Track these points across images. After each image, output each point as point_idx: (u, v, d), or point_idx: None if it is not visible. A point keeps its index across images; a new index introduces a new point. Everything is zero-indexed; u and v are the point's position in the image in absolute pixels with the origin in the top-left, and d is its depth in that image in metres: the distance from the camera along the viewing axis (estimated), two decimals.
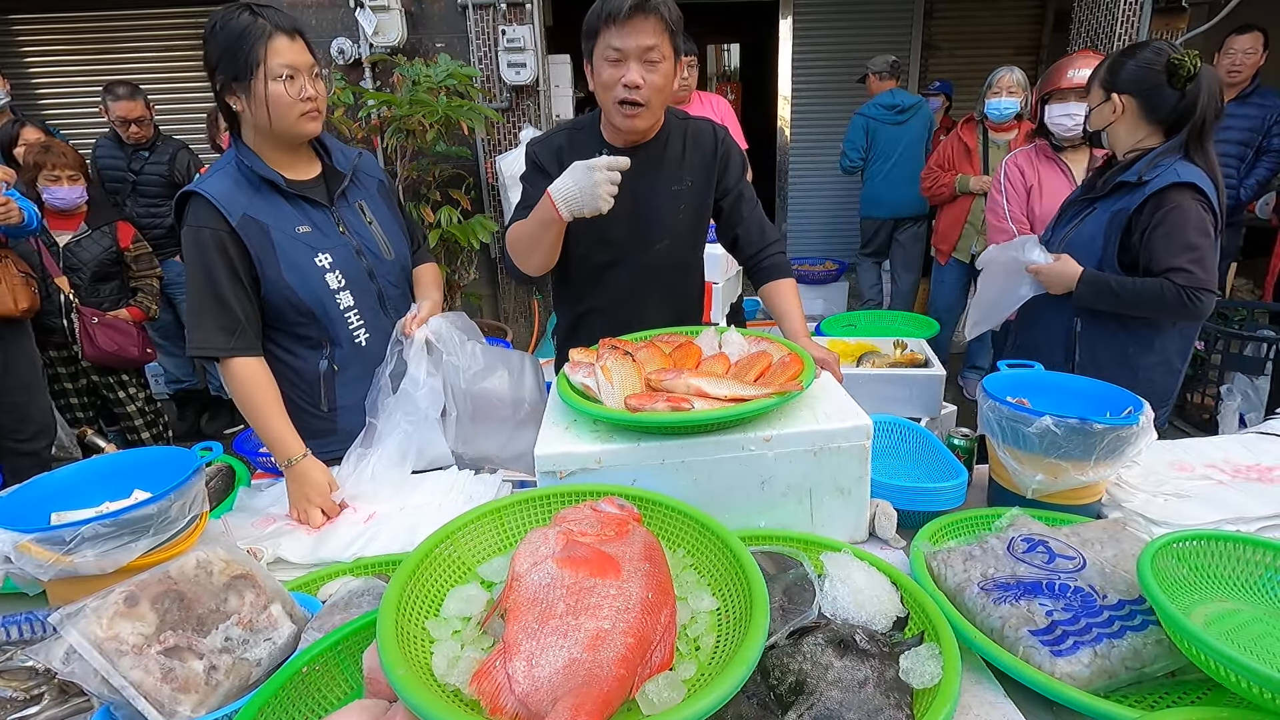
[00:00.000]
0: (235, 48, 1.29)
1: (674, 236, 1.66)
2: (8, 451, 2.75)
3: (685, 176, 1.63)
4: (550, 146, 1.62)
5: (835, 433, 1.12)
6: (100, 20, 5.12)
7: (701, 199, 1.67)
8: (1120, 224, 1.69)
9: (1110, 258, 1.72)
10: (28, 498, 1.08)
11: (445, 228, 3.64)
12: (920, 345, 2.69)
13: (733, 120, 3.50)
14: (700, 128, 1.66)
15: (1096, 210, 1.77)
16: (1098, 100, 1.75)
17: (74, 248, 3.05)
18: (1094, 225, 1.76)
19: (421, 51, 4.02)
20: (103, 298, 3.14)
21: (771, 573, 0.96)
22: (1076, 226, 1.81)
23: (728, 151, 1.67)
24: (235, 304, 1.37)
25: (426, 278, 1.66)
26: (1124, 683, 0.83)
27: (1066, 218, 1.87)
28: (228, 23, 1.29)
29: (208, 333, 1.36)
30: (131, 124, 3.51)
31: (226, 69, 1.31)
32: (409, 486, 1.41)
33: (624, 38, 1.40)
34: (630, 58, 1.42)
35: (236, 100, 1.34)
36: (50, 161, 2.91)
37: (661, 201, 1.62)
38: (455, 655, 0.75)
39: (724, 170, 1.67)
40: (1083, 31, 4.14)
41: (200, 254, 1.35)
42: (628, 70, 1.43)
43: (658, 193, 1.61)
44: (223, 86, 1.33)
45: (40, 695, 0.88)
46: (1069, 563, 0.96)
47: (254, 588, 0.92)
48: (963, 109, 6.07)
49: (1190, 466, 1.37)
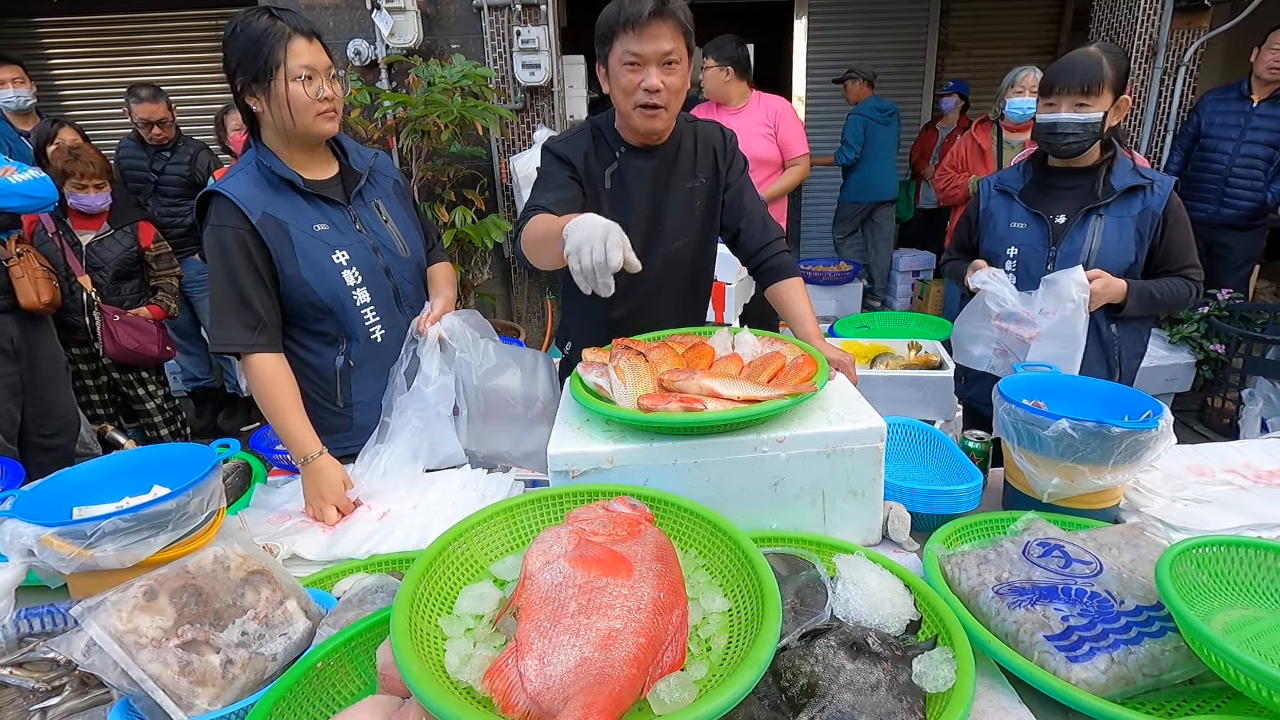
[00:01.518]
0: (255, 50, 1.31)
1: (690, 234, 1.70)
2: (32, 447, 2.80)
3: (698, 174, 1.67)
4: (576, 144, 1.62)
5: (848, 434, 1.11)
6: (120, 22, 5.20)
7: (713, 195, 1.70)
8: (1152, 226, 1.71)
9: (1141, 263, 1.74)
10: (50, 492, 1.10)
11: (459, 228, 3.65)
12: (935, 347, 2.67)
13: (789, 121, 3.40)
14: (709, 128, 1.70)
15: (1108, 218, 1.74)
16: (1110, 102, 1.69)
17: (96, 247, 3.10)
18: (1118, 233, 1.73)
19: (437, 52, 4.04)
20: (124, 296, 3.19)
21: (783, 574, 0.95)
22: (1097, 238, 1.75)
23: (734, 151, 1.71)
24: (257, 301, 1.39)
25: (440, 276, 1.68)
26: (1141, 690, 0.82)
27: (1071, 231, 1.77)
28: (247, 25, 1.31)
29: (230, 329, 1.38)
30: (154, 126, 3.57)
31: (246, 70, 1.33)
32: (422, 485, 1.42)
33: (642, 43, 1.42)
34: (649, 62, 1.44)
35: (256, 101, 1.36)
36: (78, 170, 2.97)
37: (678, 199, 1.65)
38: (468, 653, 0.76)
39: (729, 166, 1.70)
40: (1102, 30, 4.09)
41: (223, 252, 1.37)
42: (647, 75, 1.45)
43: (674, 191, 1.65)
44: (242, 88, 1.36)
45: (61, 686, 0.90)
46: (1085, 568, 0.95)
47: (270, 583, 0.93)
48: (979, 109, 6.02)
49: (1210, 471, 1.35)
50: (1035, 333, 1.73)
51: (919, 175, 5.68)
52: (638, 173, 1.62)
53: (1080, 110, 1.66)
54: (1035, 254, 1.81)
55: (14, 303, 2.62)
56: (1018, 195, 1.85)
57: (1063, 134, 1.69)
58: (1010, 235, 1.86)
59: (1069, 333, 1.69)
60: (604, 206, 1.62)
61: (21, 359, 2.71)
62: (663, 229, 1.66)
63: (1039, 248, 1.81)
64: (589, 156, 1.61)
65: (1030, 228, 1.83)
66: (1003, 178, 1.92)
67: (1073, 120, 1.67)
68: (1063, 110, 1.68)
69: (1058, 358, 1.67)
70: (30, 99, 3.56)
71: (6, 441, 2.63)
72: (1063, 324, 1.68)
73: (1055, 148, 1.74)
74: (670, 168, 1.64)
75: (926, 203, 5.73)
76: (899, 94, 6.29)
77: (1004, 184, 1.90)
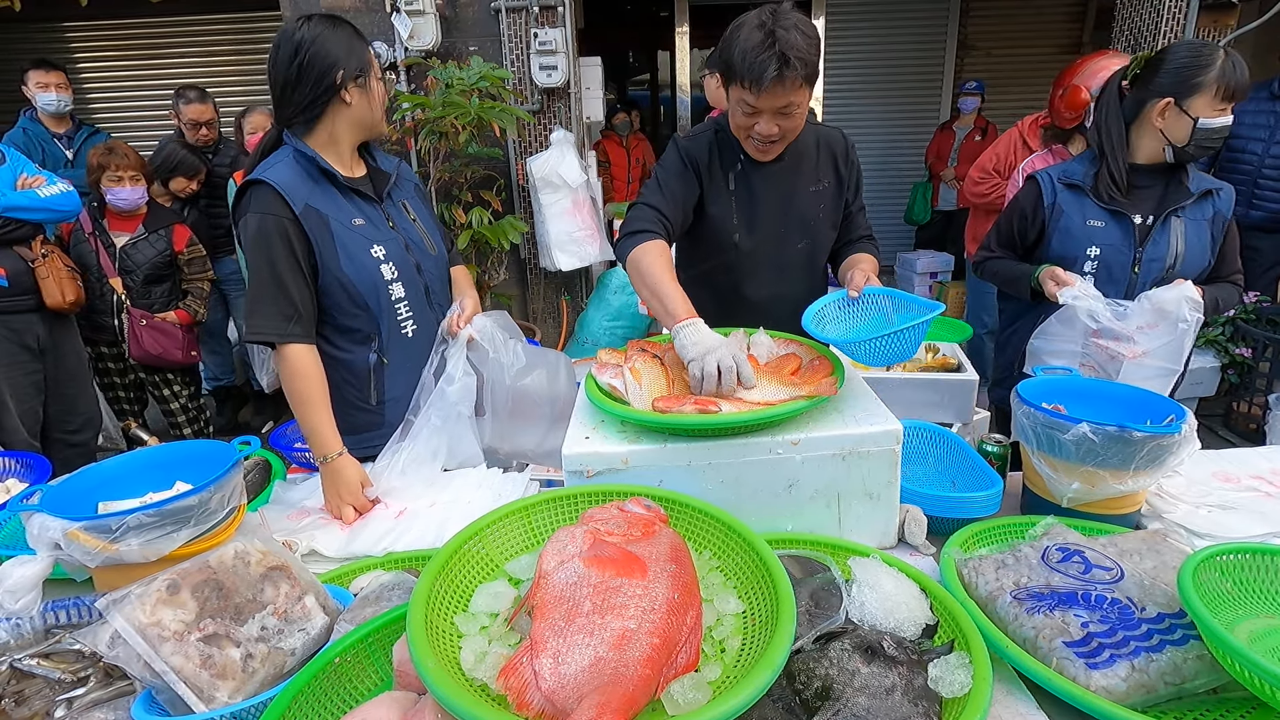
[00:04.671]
0: (353, 47, 1.41)
1: (813, 237, 1.72)
2: (56, 443, 2.86)
3: (821, 178, 1.69)
4: (701, 144, 1.65)
5: (864, 437, 1.11)
6: (146, 26, 5.29)
7: (836, 199, 1.72)
8: (1222, 229, 1.70)
9: (1212, 265, 1.74)
10: (76, 487, 1.12)
11: (476, 228, 3.68)
12: (953, 350, 2.65)
13: None
14: (831, 134, 1.72)
15: (1187, 220, 1.69)
16: None
17: (130, 250, 3.16)
18: (1196, 237, 1.70)
19: (455, 54, 4.07)
20: (154, 299, 3.25)
21: (798, 576, 0.95)
22: (1181, 240, 1.69)
23: (855, 159, 1.73)
24: (295, 291, 1.41)
25: (460, 277, 1.71)
26: (1163, 698, 0.81)
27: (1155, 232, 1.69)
28: (336, 25, 1.41)
29: (267, 318, 1.40)
30: (201, 126, 3.66)
31: (353, 64, 1.41)
32: (440, 484, 1.44)
33: (759, 100, 1.43)
34: (764, 113, 1.46)
35: (353, 94, 1.43)
36: (114, 163, 3.03)
37: (803, 203, 1.68)
38: (483, 650, 0.76)
39: (850, 174, 1.73)
40: (1125, 29, 4.03)
41: (263, 241, 1.39)
42: (760, 121, 1.47)
43: (799, 194, 1.67)
44: (343, 79, 1.41)
45: (87, 678, 0.92)
46: (1106, 573, 0.94)
47: (289, 579, 0.95)
48: (997, 109, 5.96)
49: (1235, 477, 1.33)
50: (1139, 350, 1.61)
51: (936, 177, 5.63)
52: (763, 178, 1.65)
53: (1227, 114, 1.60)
54: (1119, 255, 1.71)
55: (40, 302, 2.69)
56: (1089, 191, 1.74)
57: (1221, 137, 1.61)
58: (1089, 234, 1.73)
59: (1174, 353, 1.59)
60: (730, 207, 1.66)
61: (47, 357, 2.77)
62: (789, 232, 1.69)
63: (1123, 249, 1.71)
64: (713, 157, 1.64)
65: (1110, 226, 1.72)
66: (1068, 170, 1.79)
67: (1227, 125, 1.60)
68: (1229, 114, 1.60)
69: (1155, 378, 1.59)
70: (69, 104, 3.67)
71: (30, 437, 2.69)
72: (1170, 345, 1.58)
73: (1211, 150, 1.64)
74: (794, 173, 1.66)
75: (945, 204, 5.68)
76: (917, 94, 6.25)
77: (1070, 177, 1.77)
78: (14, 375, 2.65)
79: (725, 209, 1.66)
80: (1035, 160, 2.63)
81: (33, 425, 2.73)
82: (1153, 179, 1.71)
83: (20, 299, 2.64)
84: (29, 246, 2.65)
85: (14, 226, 2.57)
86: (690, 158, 1.63)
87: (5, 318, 2.62)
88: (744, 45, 1.38)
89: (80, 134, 3.75)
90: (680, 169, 1.62)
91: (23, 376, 2.68)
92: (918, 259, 5.50)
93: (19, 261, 2.62)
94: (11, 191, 2.55)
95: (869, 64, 6.23)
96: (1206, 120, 1.58)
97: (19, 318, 2.65)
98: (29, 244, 2.66)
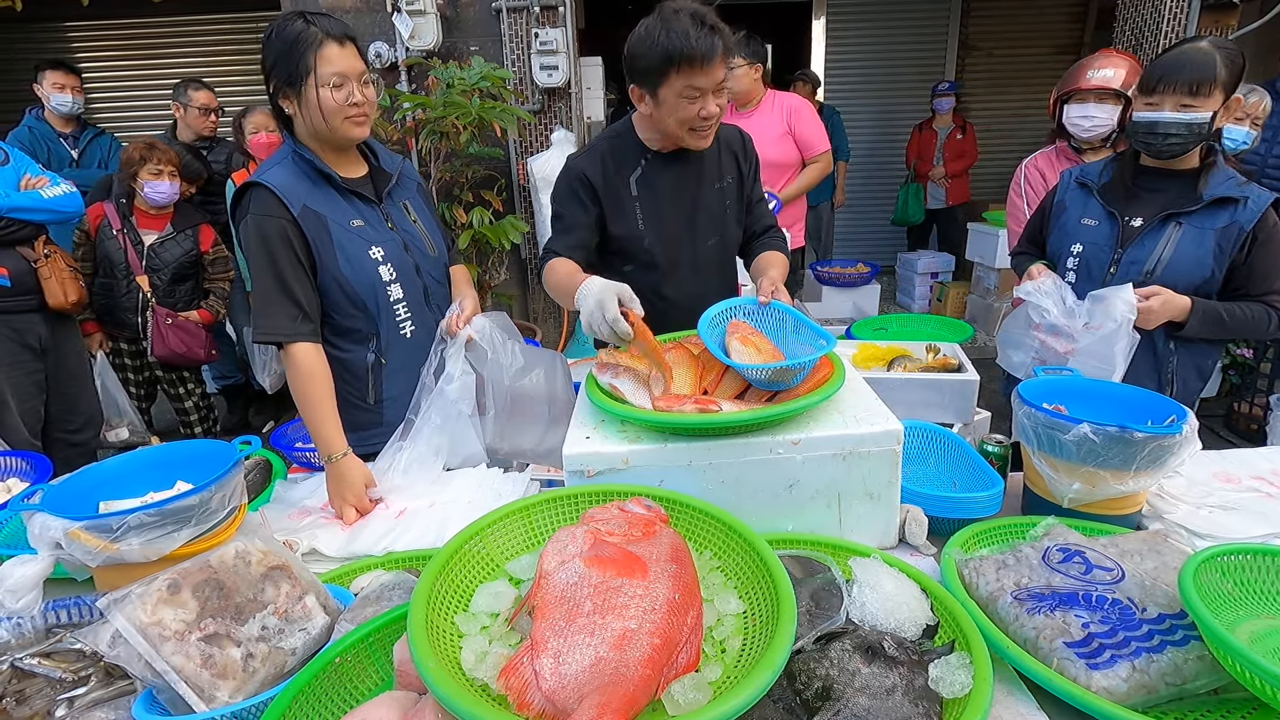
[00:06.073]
0: (288, 54, 1.34)
1: (723, 233, 1.75)
2: (57, 442, 2.87)
3: (724, 174, 1.72)
4: (593, 159, 1.65)
5: (865, 437, 1.11)
6: (148, 25, 5.30)
7: (739, 195, 1.76)
8: (1236, 242, 1.60)
9: (1218, 280, 1.64)
10: (77, 487, 1.12)
11: (477, 228, 3.68)
12: (954, 350, 2.64)
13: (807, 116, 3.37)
14: (727, 131, 1.73)
15: (1188, 226, 1.64)
16: (1220, 102, 1.56)
17: (157, 248, 3.18)
18: (1195, 245, 1.63)
19: (456, 54, 4.07)
20: (178, 298, 3.26)
21: (799, 576, 0.95)
22: (1170, 247, 1.65)
23: (753, 152, 1.78)
24: (299, 291, 1.42)
25: (460, 277, 1.71)
26: (1164, 699, 0.81)
27: (1143, 235, 1.68)
28: (282, 30, 1.35)
29: (274, 319, 1.40)
30: (212, 112, 3.69)
31: (280, 74, 1.37)
32: (440, 483, 1.44)
33: (705, 78, 1.45)
34: (708, 92, 1.48)
35: (289, 103, 1.40)
36: (155, 157, 3.05)
37: (710, 199, 1.71)
38: (483, 650, 0.76)
39: (750, 166, 1.77)
40: (1127, 29, 4.03)
41: (265, 243, 1.39)
42: (705, 103, 1.48)
43: (704, 191, 1.69)
44: (276, 90, 1.39)
45: (87, 677, 0.92)
46: (1107, 574, 0.94)
47: (290, 579, 0.95)
48: (997, 108, 5.96)
49: (1236, 478, 1.33)
50: (1073, 348, 1.67)
51: (922, 176, 5.64)
52: (666, 177, 1.66)
53: (1185, 110, 1.56)
54: (1099, 255, 1.73)
55: (42, 302, 2.69)
56: (1096, 190, 1.75)
57: (1163, 134, 1.58)
58: (1078, 232, 1.76)
59: (1106, 352, 1.60)
60: (635, 212, 1.66)
61: (48, 356, 2.77)
62: (696, 230, 1.71)
63: (1104, 249, 1.72)
64: (607, 167, 1.64)
65: (1100, 226, 1.73)
66: (1085, 170, 1.81)
67: (1175, 120, 1.56)
68: (1165, 109, 1.58)
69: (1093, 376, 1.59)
70: (81, 107, 3.69)
71: (31, 437, 2.69)
72: (1101, 343, 1.61)
73: (1154, 148, 1.62)
74: (698, 171, 1.68)
75: (933, 203, 5.69)
76: (918, 94, 6.24)
77: (1084, 176, 1.79)
78: (15, 375, 2.66)
79: (630, 214, 1.66)
80: (1039, 158, 2.63)
81: (34, 425, 2.74)
82: (1164, 182, 1.69)
83: (23, 299, 2.64)
84: (31, 247, 2.66)
85: (17, 227, 2.58)
86: (581, 179, 1.63)
87: (7, 317, 2.62)
88: (678, 32, 1.40)
89: (85, 134, 3.77)
90: (568, 195, 1.65)
91: (24, 376, 2.69)
92: (918, 259, 5.50)
93: (21, 262, 2.62)
94: (15, 192, 2.56)
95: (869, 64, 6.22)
96: (1137, 114, 1.63)
97: (21, 317, 2.66)
98: (31, 244, 2.66)
